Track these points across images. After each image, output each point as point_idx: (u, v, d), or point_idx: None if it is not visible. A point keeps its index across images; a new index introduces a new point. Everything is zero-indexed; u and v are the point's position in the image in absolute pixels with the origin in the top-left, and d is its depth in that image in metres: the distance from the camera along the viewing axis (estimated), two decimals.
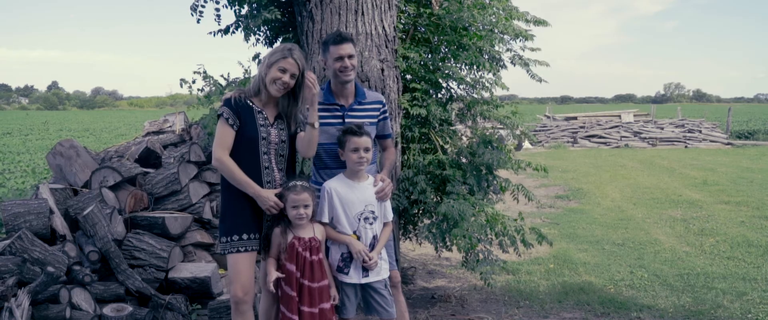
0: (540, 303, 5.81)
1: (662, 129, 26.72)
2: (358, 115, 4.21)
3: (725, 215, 10.11)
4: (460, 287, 6.33)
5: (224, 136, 3.78)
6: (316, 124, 3.85)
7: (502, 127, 6.53)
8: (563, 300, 5.87)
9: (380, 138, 4.45)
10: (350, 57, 4.07)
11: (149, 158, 6.13)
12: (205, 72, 5.64)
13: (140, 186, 5.57)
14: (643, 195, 12.43)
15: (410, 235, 6.16)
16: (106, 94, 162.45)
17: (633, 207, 11.01)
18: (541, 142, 26.79)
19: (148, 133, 7.23)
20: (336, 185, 3.99)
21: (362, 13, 5.40)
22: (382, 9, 5.49)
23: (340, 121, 4.14)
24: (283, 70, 3.76)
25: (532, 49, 6.28)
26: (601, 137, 26.42)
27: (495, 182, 5.78)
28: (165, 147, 6.60)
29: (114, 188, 5.40)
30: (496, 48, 5.91)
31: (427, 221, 5.66)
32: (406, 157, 5.85)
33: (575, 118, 28.79)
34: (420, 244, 6.88)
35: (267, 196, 3.77)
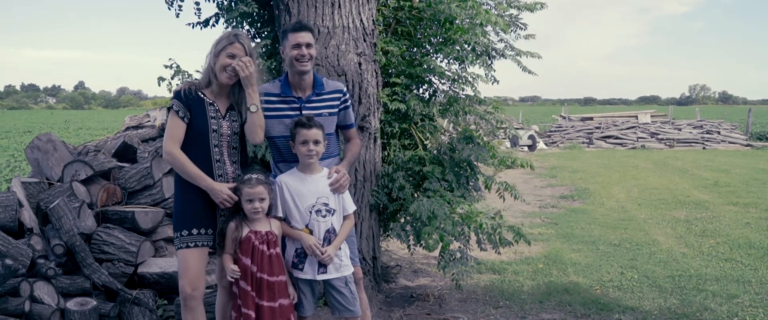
0: (520, 304, 5.67)
1: (680, 130, 26.35)
2: (316, 107, 4.10)
3: (731, 216, 9.87)
4: (443, 286, 6.20)
5: (175, 129, 3.70)
6: (254, 108, 3.74)
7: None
8: (545, 301, 5.73)
9: (343, 128, 4.34)
10: (308, 46, 3.97)
11: (127, 153, 6.08)
12: (177, 66, 5.56)
13: (114, 180, 5.51)
14: (650, 196, 12.20)
15: (389, 233, 6.04)
16: (131, 93, 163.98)
17: (637, 208, 10.80)
18: (555, 142, 26.53)
19: (127, 128, 7.19)
20: (287, 178, 3.89)
21: (339, 6, 5.31)
22: (360, 2, 5.39)
23: (297, 113, 4.04)
24: (232, 56, 3.69)
25: (526, 37, 6.15)
26: (617, 138, 26.11)
27: (476, 179, 5.65)
28: (146, 141, 6.54)
29: (87, 182, 5.35)
30: (485, 40, 5.76)
31: (403, 219, 5.54)
32: (386, 153, 5.74)
33: (591, 119, 28.49)
34: (388, 242, 6.77)
35: (220, 189, 3.69)
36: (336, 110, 4.19)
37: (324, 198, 3.87)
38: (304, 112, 4.04)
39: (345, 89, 4.25)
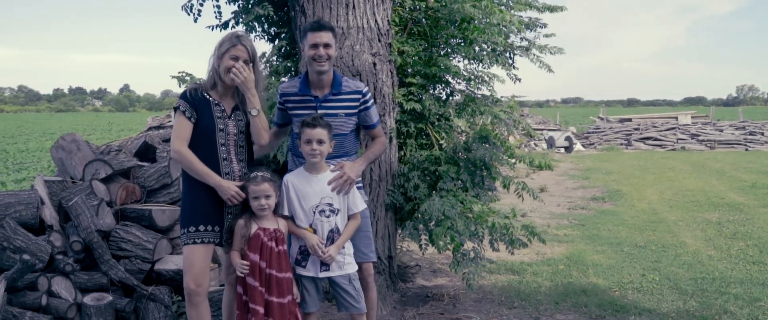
0: (535, 305, 5.64)
1: (721, 131, 25.86)
2: (332, 106, 4.15)
3: (765, 219, 9.66)
4: (459, 286, 6.19)
5: (182, 129, 3.78)
6: (254, 112, 3.82)
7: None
8: (560, 302, 5.68)
9: (365, 128, 4.38)
10: (327, 46, 4.02)
11: (148, 152, 6.20)
12: (189, 76, 5.71)
13: (134, 179, 5.63)
14: (683, 197, 12.00)
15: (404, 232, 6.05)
16: (175, 96, 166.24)
17: (668, 210, 10.64)
18: (592, 144, 26.22)
19: (149, 128, 7.34)
20: (293, 178, 3.96)
21: (353, 7, 5.35)
22: (374, 2, 5.42)
23: (312, 112, 4.09)
24: (235, 58, 3.76)
25: (547, 36, 6.11)
26: (656, 139, 25.68)
27: (491, 179, 5.62)
28: (166, 141, 6.67)
29: (107, 181, 5.47)
30: (503, 39, 5.75)
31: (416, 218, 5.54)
32: (402, 153, 5.76)
33: (630, 120, 28.11)
34: (409, 243, 6.78)
35: (228, 186, 3.77)
36: (354, 111, 4.21)
37: (328, 198, 3.92)
38: (319, 111, 4.09)
39: (365, 89, 4.28)
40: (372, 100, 4.34)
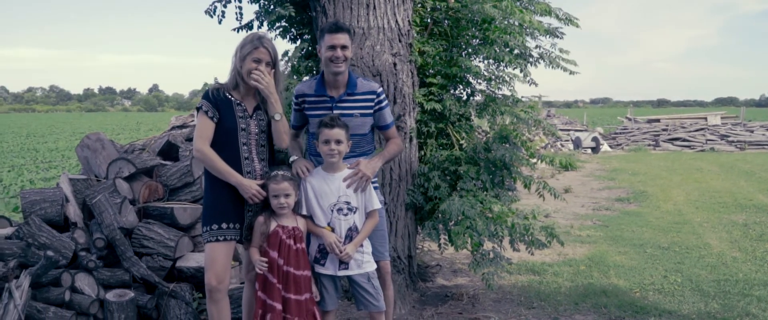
0: (554, 305, 5.62)
1: (752, 132, 25.46)
2: (348, 106, 4.19)
3: None
4: (479, 286, 6.19)
5: (204, 128, 3.84)
6: (278, 117, 3.87)
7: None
8: (580, 303, 5.66)
9: (380, 129, 4.41)
10: (343, 48, 4.05)
11: (171, 151, 6.29)
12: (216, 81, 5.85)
13: (157, 177, 5.72)
14: (710, 199, 11.85)
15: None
16: None
17: (694, 211, 10.52)
18: (620, 144, 25.98)
19: (173, 127, 7.44)
20: (311, 177, 4.00)
21: (374, 7, 5.38)
22: (395, 3, 5.45)
23: (328, 112, 4.13)
24: (258, 61, 3.81)
25: (561, 50, 6.06)
26: (685, 140, 25.34)
27: (511, 179, 5.62)
28: (189, 140, 6.75)
29: (130, 179, 5.57)
30: (522, 40, 5.74)
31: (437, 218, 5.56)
32: (423, 153, 5.79)
33: (658, 120, 27.80)
34: (431, 243, 6.78)
35: (249, 185, 3.83)
36: (370, 111, 4.25)
37: (346, 196, 3.95)
38: (335, 111, 4.13)
39: (380, 90, 4.31)
40: (386, 101, 4.36)
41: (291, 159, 4.15)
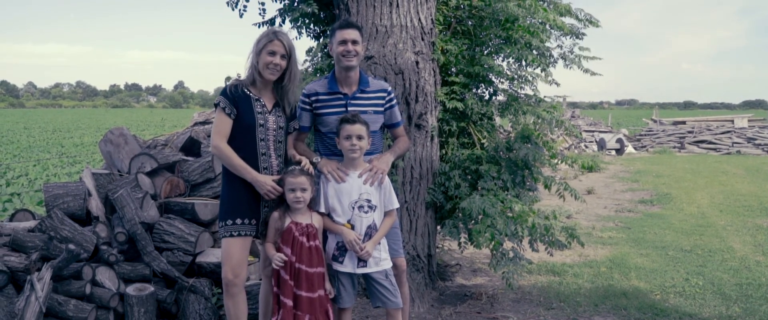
0: (574, 306, 5.59)
1: None
2: (362, 103, 4.20)
3: None
4: (498, 286, 6.17)
5: (221, 125, 3.87)
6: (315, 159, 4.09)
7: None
8: (600, 304, 5.62)
9: (390, 127, 4.43)
10: (354, 43, 4.09)
11: (193, 147, 6.33)
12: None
13: (178, 173, 5.77)
14: (734, 202, 11.70)
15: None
16: None
17: (718, 214, 10.39)
18: (645, 146, 25.74)
19: (195, 123, 7.48)
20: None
21: (397, 6, 5.39)
22: (418, 1, 5.45)
23: (343, 110, 4.14)
24: (272, 53, 3.84)
25: (582, 49, 6.04)
26: (710, 143, 25.03)
27: (532, 179, 5.59)
28: (211, 136, 6.80)
29: (152, 174, 5.61)
30: (545, 38, 5.73)
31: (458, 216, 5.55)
32: (444, 151, 5.78)
33: (684, 123, 27.49)
34: (451, 242, 6.77)
35: (264, 181, 3.85)
36: (381, 109, 4.28)
37: (366, 194, 3.96)
38: (349, 108, 4.14)
39: (390, 89, 4.34)
40: (396, 100, 4.39)
41: (314, 159, 4.16)
